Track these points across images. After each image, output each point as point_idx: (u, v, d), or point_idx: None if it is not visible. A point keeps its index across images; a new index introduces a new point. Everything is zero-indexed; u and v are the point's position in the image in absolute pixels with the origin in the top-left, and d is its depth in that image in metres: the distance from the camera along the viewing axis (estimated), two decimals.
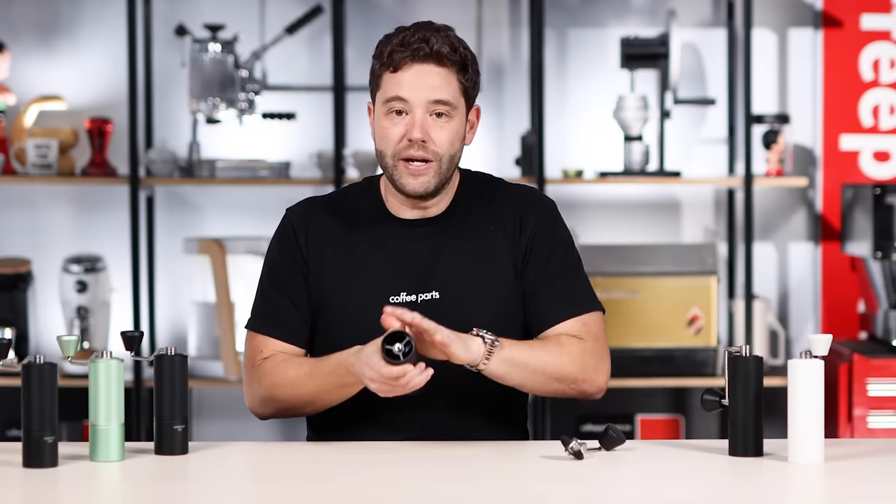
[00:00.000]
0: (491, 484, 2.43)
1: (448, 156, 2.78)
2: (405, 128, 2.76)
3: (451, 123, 2.77)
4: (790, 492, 2.42)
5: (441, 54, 2.75)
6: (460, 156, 2.83)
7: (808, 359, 2.54)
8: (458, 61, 2.77)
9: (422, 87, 2.75)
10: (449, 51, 2.76)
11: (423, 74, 2.75)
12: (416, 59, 2.75)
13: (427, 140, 2.75)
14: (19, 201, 5.17)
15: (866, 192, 4.76)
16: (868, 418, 4.67)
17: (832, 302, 5.20)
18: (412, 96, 2.75)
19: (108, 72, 5.14)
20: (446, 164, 2.78)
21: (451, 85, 2.77)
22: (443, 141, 2.77)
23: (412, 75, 2.75)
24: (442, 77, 2.76)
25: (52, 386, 2.49)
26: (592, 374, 2.78)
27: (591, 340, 2.80)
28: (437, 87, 2.76)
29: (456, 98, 2.77)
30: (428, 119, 2.76)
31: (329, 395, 2.75)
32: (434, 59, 2.75)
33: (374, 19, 5.08)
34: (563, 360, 2.75)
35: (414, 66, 2.75)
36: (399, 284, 2.81)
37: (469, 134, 2.84)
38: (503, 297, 2.83)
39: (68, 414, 4.37)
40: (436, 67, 2.76)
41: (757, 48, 5.13)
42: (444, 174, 2.79)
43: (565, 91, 5.22)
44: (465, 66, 2.78)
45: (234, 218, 5.17)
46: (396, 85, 2.76)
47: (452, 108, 2.77)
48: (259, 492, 2.40)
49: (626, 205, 5.24)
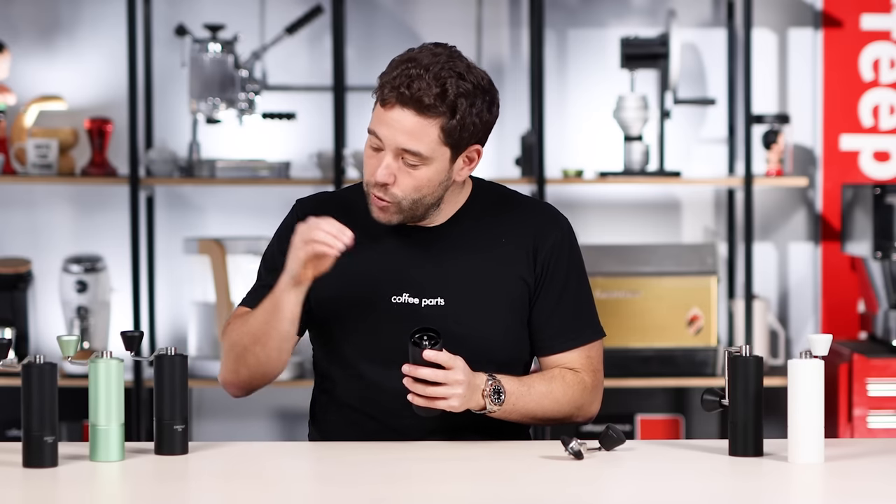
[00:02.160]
0: (491, 484, 2.43)
1: (410, 199, 2.75)
2: (376, 164, 2.75)
3: (420, 171, 2.72)
4: (790, 492, 2.42)
5: (422, 103, 2.68)
6: (438, 195, 2.78)
7: (808, 359, 2.54)
8: (444, 112, 2.69)
9: (396, 132, 2.70)
10: (431, 101, 2.68)
11: (400, 119, 2.70)
12: (398, 101, 2.69)
13: (390, 184, 2.73)
14: (19, 201, 5.17)
15: (866, 192, 4.76)
16: (868, 418, 4.67)
17: (832, 302, 5.20)
18: (386, 139, 2.72)
19: (108, 72, 5.14)
20: (408, 206, 2.76)
21: (427, 136, 2.70)
22: (406, 186, 2.73)
23: (392, 116, 2.70)
24: (419, 126, 2.70)
25: (52, 386, 2.49)
26: (587, 410, 2.85)
27: (591, 375, 2.85)
28: (410, 136, 2.70)
29: (431, 149, 2.71)
30: (395, 164, 2.72)
31: (270, 325, 2.74)
32: (414, 105, 2.68)
33: (374, 19, 5.07)
34: (563, 404, 2.80)
35: (395, 108, 2.70)
36: (402, 285, 2.81)
37: (465, 170, 2.79)
38: (510, 311, 2.83)
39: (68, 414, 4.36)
40: (414, 116, 2.69)
41: (757, 48, 5.13)
42: (410, 211, 2.77)
43: (565, 91, 5.22)
44: (453, 112, 2.70)
45: (234, 218, 5.16)
46: (378, 121, 2.72)
47: (425, 158, 2.71)
48: (259, 492, 2.40)
49: (626, 205, 5.24)
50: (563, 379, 2.82)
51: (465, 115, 2.70)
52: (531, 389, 2.77)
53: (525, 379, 2.79)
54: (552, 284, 2.84)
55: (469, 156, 2.78)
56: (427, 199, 2.76)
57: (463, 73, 2.70)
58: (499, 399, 2.70)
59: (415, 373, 2.63)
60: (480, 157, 2.80)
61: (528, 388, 2.77)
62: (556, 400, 2.79)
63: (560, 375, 2.82)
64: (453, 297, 2.80)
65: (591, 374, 2.85)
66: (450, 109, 2.69)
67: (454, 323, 2.77)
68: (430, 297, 2.80)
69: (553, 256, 2.84)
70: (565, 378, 2.82)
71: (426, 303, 2.80)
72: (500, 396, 2.70)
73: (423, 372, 2.63)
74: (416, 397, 2.65)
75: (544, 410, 2.78)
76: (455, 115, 2.70)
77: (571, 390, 2.81)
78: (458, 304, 2.80)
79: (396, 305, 2.80)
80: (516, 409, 2.74)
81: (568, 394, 2.80)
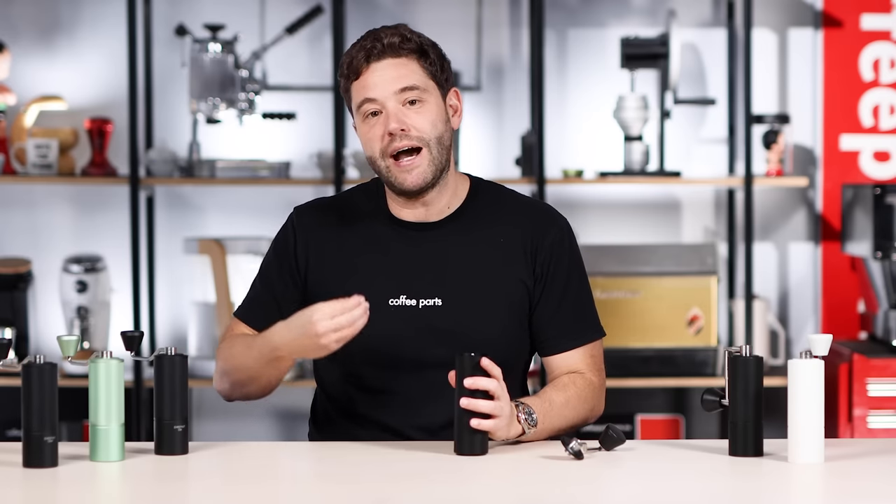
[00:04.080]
0: (491, 484, 2.43)
1: (434, 138, 2.78)
2: (383, 125, 2.77)
3: (426, 107, 2.78)
4: (790, 492, 2.42)
5: (394, 45, 2.78)
6: (450, 138, 2.83)
7: (808, 359, 2.54)
8: (414, 48, 2.79)
9: (385, 81, 2.77)
10: (401, 41, 2.78)
11: (383, 69, 2.78)
12: (371, 58, 2.78)
13: (406, 128, 2.77)
14: (19, 201, 5.17)
15: (866, 192, 4.76)
16: (868, 418, 4.67)
17: (832, 302, 5.20)
18: (379, 93, 2.77)
19: (108, 72, 5.14)
20: (436, 149, 2.79)
21: (413, 71, 2.78)
22: (423, 125, 2.78)
23: (374, 74, 2.78)
24: (402, 66, 2.78)
25: (52, 386, 2.49)
26: (598, 410, 2.88)
27: (596, 374, 2.87)
28: (400, 76, 2.77)
29: (423, 81, 2.79)
30: (402, 109, 2.77)
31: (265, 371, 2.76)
32: (389, 51, 2.78)
33: (374, 19, 5.07)
34: (579, 410, 2.81)
35: (372, 66, 2.78)
36: (399, 288, 2.81)
37: (455, 117, 2.86)
38: (508, 311, 2.83)
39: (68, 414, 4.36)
40: (393, 59, 2.78)
41: (757, 48, 5.13)
42: (437, 160, 2.79)
43: (565, 91, 5.22)
44: (423, 51, 2.79)
45: (234, 218, 5.17)
46: (362, 88, 2.78)
47: (422, 90, 2.78)
48: (259, 492, 2.40)
49: (626, 205, 5.24)
50: (574, 385, 2.82)
51: (433, 57, 2.81)
52: (552, 405, 2.76)
53: (542, 396, 2.77)
54: (553, 285, 2.84)
55: (451, 104, 2.85)
56: (444, 139, 2.81)
57: (411, 29, 2.84)
58: (532, 420, 2.70)
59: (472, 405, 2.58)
60: (461, 103, 2.88)
61: (550, 403, 2.76)
62: (574, 408, 2.80)
63: (571, 382, 2.82)
64: (451, 298, 2.80)
65: (596, 373, 2.87)
66: (417, 48, 2.80)
67: (452, 323, 2.77)
68: (428, 297, 2.80)
69: (552, 257, 2.85)
70: (576, 384, 2.82)
71: (424, 304, 2.80)
72: (533, 416, 2.70)
73: (480, 405, 2.58)
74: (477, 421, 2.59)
75: (566, 420, 2.79)
76: (426, 55, 2.80)
77: (585, 394, 2.82)
78: (456, 304, 2.80)
79: (394, 308, 2.80)
80: (545, 426, 2.74)
81: (582, 398, 2.81)
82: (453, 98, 2.86)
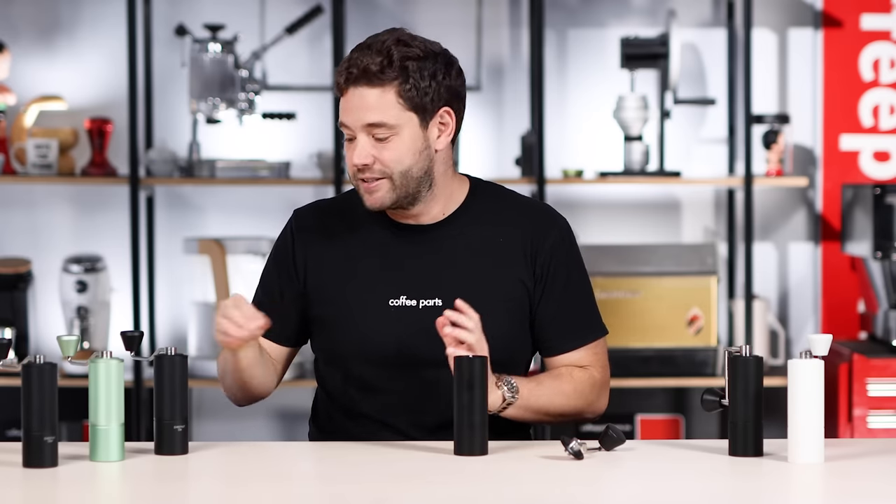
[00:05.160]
0: (491, 484, 2.43)
1: (399, 172, 2.74)
2: (352, 152, 2.76)
3: (394, 142, 2.73)
4: (790, 492, 2.42)
5: (370, 72, 2.69)
6: (423, 167, 2.77)
7: (808, 359, 2.54)
8: (394, 77, 2.70)
9: (357, 111, 2.72)
10: (379, 68, 2.69)
11: (357, 97, 2.72)
12: (349, 82, 2.72)
13: (371, 162, 2.74)
14: (19, 201, 5.17)
15: (866, 192, 4.76)
16: (868, 418, 4.67)
17: (832, 302, 5.20)
18: (351, 122, 2.74)
19: (108, 72, 5.14)
20: (399, 179, 2.75)
21: (385, 104, 2.71)
22: (386, 160, 2.74)
23: (350, 99, 2.73)
24: (375, 97, 2.71)
25: (52, 386, 2.49)
26: (597, 405, 2.87)
27: (599, 371, 2.87)
28: (370, 110, 2.71)
29: (394, 116, 2.72)
30: (369, 142, 2.73)
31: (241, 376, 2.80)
32: (364, 79, 2.70)
33: (374, 19, 5.07)
34: (573, 399, 2.82)
35: (349, 90, 2.73)
36: (399, 288, 2.81)
37: (442, 137, 2.78)
38: (508, 311, 2.83)
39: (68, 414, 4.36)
40: (368, 88, 2.71)
41: (757, 48, 5.13)
42: (401, 189, 2.76)
43: (565, 91, 5.22)
44: (405, 77, 2.71)
45: (234, 218, 5.16)
46: (342, 110, 2.75)
47: (390, 127, 2.72)
48: (259, 492, 2.39)
49: (626, 205, 5.24)
50: (570, 375, 2.83)
51: (418, 78, 2.71)
52: (541, 385, 2.78)
53: (533, 377, 2.81)
54: (553, 285, 2.84)
55: (442, 121, 2.77)
56: (413, 170, 2.75)
57: (407, 41, 2.73)
58: (512, 387, 2.71)
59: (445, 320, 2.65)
60: (456, 121, 2.79)
61: (538, 384, 2.78)
62: (566, 395, 2.81)
63: (567, 372, 2.84)
64: (451, 298, 2.79)
65: (599, 369, 2.87)
66: (401, 73, 2.70)
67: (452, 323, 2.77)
68: (428, 298, 2.80)
69: (552, 257, 2.85)
70: (573, 374, 2.83)
71: (424, 304, 2.80)
72: (514, 385, 2.72)
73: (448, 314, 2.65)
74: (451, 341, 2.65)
75: (556, 406, 2.80)
76: (408, 79, 2.71)
77: (581, 385, 2.83)
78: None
79: (394, 309, 2.80)
80: (529, 405, 2.75)
81: (578, 389, 2.82)
82: (445, 117, 2.77)
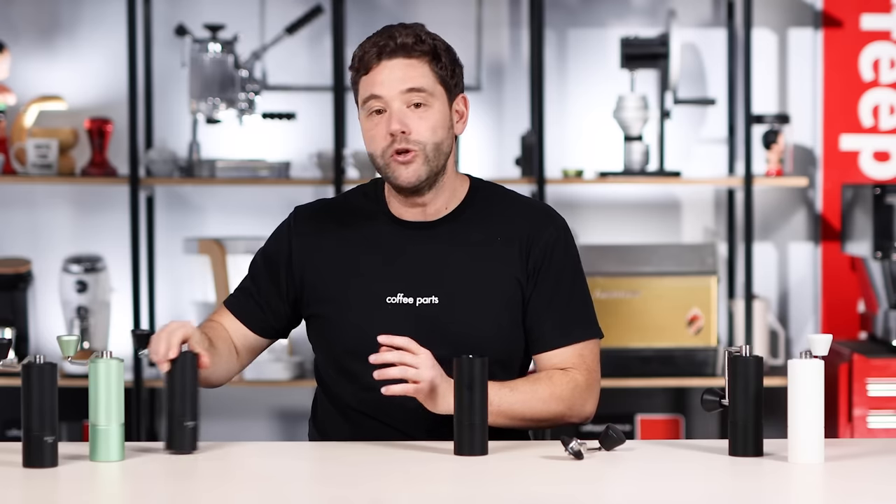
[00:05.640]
0: (491, 484, 2.43)
1: (432, 143, 2.78)
2: (386, 124, 2.78)
3: (429, 112, 2.78)
4: (790, 492, 2.42)
5: (407, 45, 2.78)
6: (450, 145, 2.82)
7: (808, 359, 2.54)
8: (427, 51, 2.79)
9: (393, 80, 2.77)
10: (414, 41, 2.78)
11: (393, 69, 2.78)
12: (383, 55, 2.78)
13: (407, 131, 2.77)
14: (19, 201, 5.17)
15: (866, 192, 4.77)
16: (868, 418, 4.67)
17: (832, 302, 5.20)
18: (385, 91, 2.77)
19: (108, 72, 5.14)
20: (432, 153, 2.79)
21: (423, 74, 2.78)
22: (423, 130, 2.78)
23: (383, 72, 2.78)
24: (412, 67, 2.78)
25: (52, 386, 2.49)
26: (579, 409, 2.83)
27: (584, 373, 2.84)
28: (408, 77, 2.77)
29: (431, 85, 2.79)
30: (406, 111, 2.77)
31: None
32: (401, 51, 2.78)
33: (374, 19, 5.07)
34: (552, 404, 2.79)
35: (383, 63, 2.78)
36: (396, 286, 2.82)
37: (459, 124, 2.85)
38: (504, 309, 2.83)
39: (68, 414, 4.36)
40: (405, 59, 2.78)
41: (757, 48, 5.13)
42: (433, 163, 2.79)
43: (565, 91, 5.22)
44: (435, 54, 2.80)
45: (234, 218, 5.17)
46: (370, 84, 2.79)
47: (429, 94, 2.78)
48: (259, 492, 2.40)
49: (626, 205, 5.24)
50: (549, 379, 2.81)
51: (446, 59, 2.81)
52: (514, 391, 2.77)
53: (509, 382, 2.78)
54: (545, 282, 2.84)
55: (458, 109, 2.84)
56: (443, 145, 2.80)
57: (427, 30, 2.84)
58: None
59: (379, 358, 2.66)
60: (468, 110, 2.87)
61: (511, 389, 2.76)
62: (542, 399, 2.78)
63: (547, 376, 2.82)
64: (447, 296, 2.80)
65: (584, 372, 2.83)
66: (430, 50, 2.80)
67: (448, 321, 2.78)
68: (425, 295, 2.81)
69: (546, 255, 2.84)
70: (552, 378, 2.81)
71: (420, 301, 2.80)
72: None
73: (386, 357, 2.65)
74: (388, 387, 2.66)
75: (533, 411, 2.78)
76: (439, 58, 2.80)
77: (560, 389, 2.80)
78: (453, 302, 2.80)
79: (391, 306, 2.81)
80: (501, 410, 2.74)
81: (556, 392, 2.79)
82: (460, 104, 2.85)
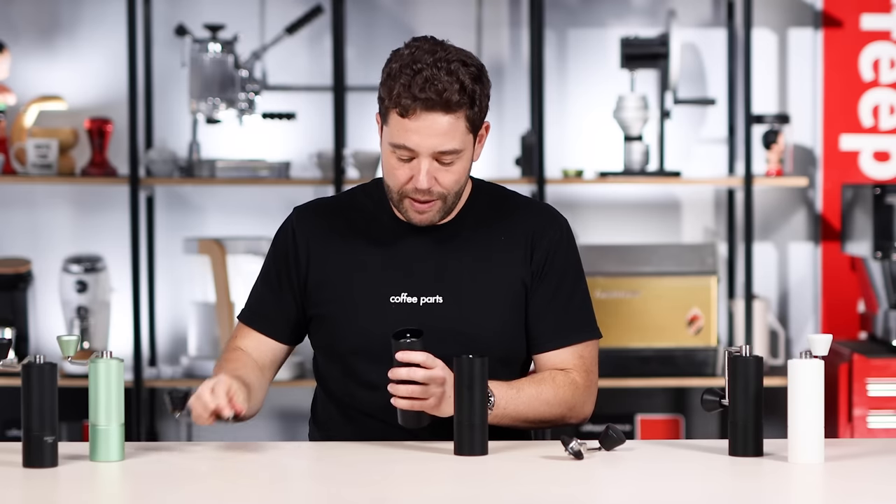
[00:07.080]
0: (491, 484, 2.43)
1: (454, 192, 2.78)
2: (411, 171, 2.73)
3: (457, 164, 2.75)
4: (790, 492, 2.42)
5: (450, 102, 2.68)
6: (468, 177, 2.83)
7: (808, 359, 2.54)
8: (467, 102, 2.70)
9: (429, 136, 2.69)
10: (458, 96, 2.68)
11: (430, 123, 2.69)
12: (424, 107, 2.68)
13: (433, 185, 2.74)
14: (19, 201, 5.17)
15: (866, 192, 4.76)
16: (868, 418, 4.67)
17: (832, 302, 5.20)
18: (419, 146, 2.70)
19: (108, 72, 5.14)
20: (452, 199, 2.79)
21: (458, 130, 2.71)
22: (448, 182, 2.75)
23: (420, 125, 2.69)
24: (450, 125, 2.70)
25: (52, 386, 2.49)
26: (579, 410, 2.84)
27: (583, 375, 2.85)
28: (444, 137, 2.70)
29: (463, 141, 2.73)
30: (434, 165, 2.73)
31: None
32: (443, 107, 2.68)
33: (374, 19, 5.07)
34: (555, 407, 2.80)
35: (421, 115, 2.68)
36: (400, 285, 2.82)
37: (479, 147, 2.81)
38: (508, 308, 2.83)
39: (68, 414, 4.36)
40: (444, 116, 2.69)
41: (757, 48, 5.13)
42: (450, 204, 2.80)
43: (565, 91, 5.22)
44: (473, 101, 2.71)
45: (234, 218, 5.16)
46: (404, 132, 2.70)
47: (458, 154, 2.73)
48: (259, 492, 2.40)
49: (626, 205, 5.24)
50: (553, 380, 2.81)
51: (481, 100, 2.74)
52: (520, 392, 2.77)
53: (514, 383, 2.79)
54: (547, 283, 2.84)
55: (481, 134, 2.81)
56: (462, 187, 2.80)
57: (464, 59, 2.72)
58: (489, 403, 2.70)
59: (393, 374, 2.64)
60: (487, 132, 2.83)
61: (518, 391, 2.77)
62: (546, 402, 2.79)
63: (550, 377, 2.82)
64: (451, 296, 2.80)
65: (582, 373, 2.84)
66: (470, 99, 2.71)
67: (452, 321, 2.78)
68: (428, 295, 2.81)
69: (549, 255, 2.85)
70: (555, 379, 2.82)
71: (424, 301, 2.80)
72: (491, 399, 2.70)
73: (399, 372, 2.63)
74: (398, 400, 2.65)
75: (536, 413, 2.79)
76: (474, 104, 2.72)
77: (562, 391, 2.81)
78: (456, 302, 2.80)
79: (395, 306, 2.81)
80: (507, 412, 2.75)
81: (559, 395, 2.80)
82: (483, 131, 2.81)
